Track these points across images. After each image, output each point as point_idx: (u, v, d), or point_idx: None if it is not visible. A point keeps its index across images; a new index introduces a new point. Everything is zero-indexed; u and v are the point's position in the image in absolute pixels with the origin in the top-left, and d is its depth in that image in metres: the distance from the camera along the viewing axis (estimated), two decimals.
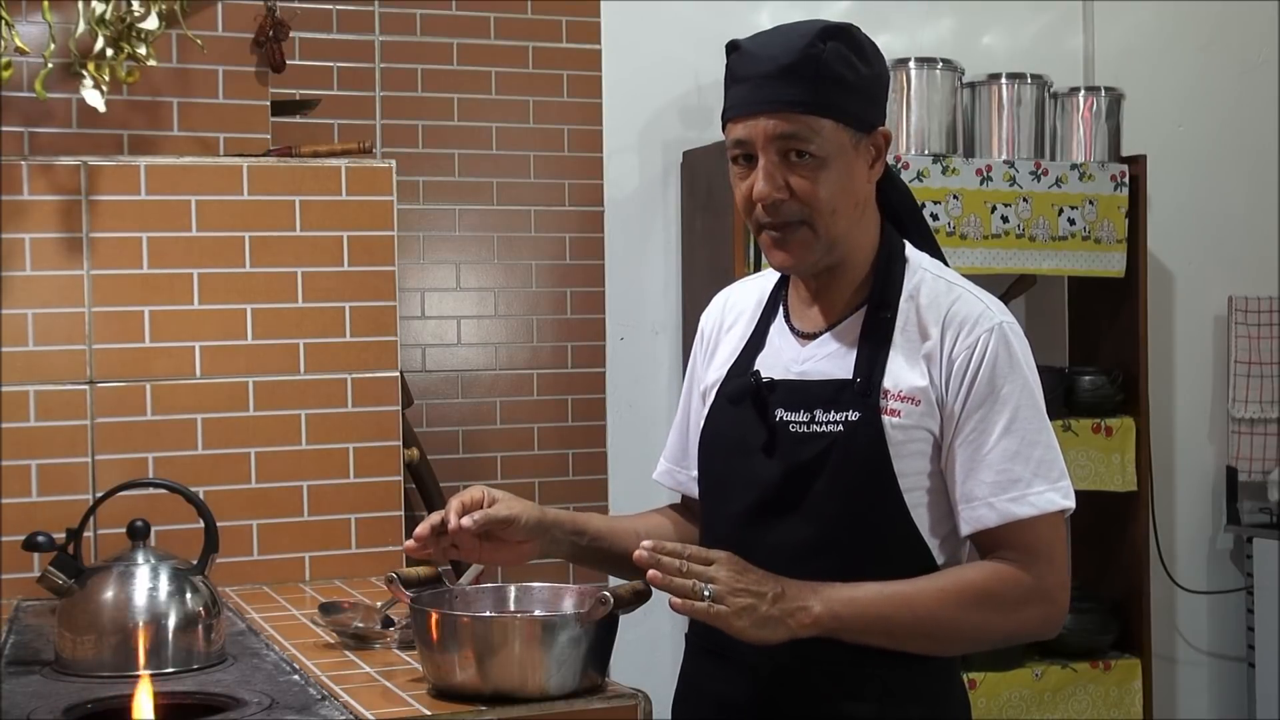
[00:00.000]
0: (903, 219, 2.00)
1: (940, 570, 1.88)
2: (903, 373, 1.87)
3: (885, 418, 1.85)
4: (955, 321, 1.88)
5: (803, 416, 1.89)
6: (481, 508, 1.90)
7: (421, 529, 1.89)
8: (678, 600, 1.71)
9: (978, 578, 1.84)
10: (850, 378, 1.88)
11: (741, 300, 2.08)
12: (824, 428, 1.87)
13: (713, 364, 2.05)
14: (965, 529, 1.87)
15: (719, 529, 1.94)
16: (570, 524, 2.00)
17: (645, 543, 1.73)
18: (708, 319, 2.12)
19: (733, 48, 1.92)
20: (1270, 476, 4.62)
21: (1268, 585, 4.44)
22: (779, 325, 2.00)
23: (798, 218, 1.86)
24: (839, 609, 1.78)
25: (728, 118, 1.90)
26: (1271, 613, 4.42)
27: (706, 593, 1.71)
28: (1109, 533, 4.30)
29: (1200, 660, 4.73)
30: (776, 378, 1.93)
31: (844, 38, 1.87)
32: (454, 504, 1.90)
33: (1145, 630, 4.24)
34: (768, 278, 2.07)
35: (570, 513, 2.02)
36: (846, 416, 1.86)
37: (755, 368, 1.96)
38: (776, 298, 2.03)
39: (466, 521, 1.87)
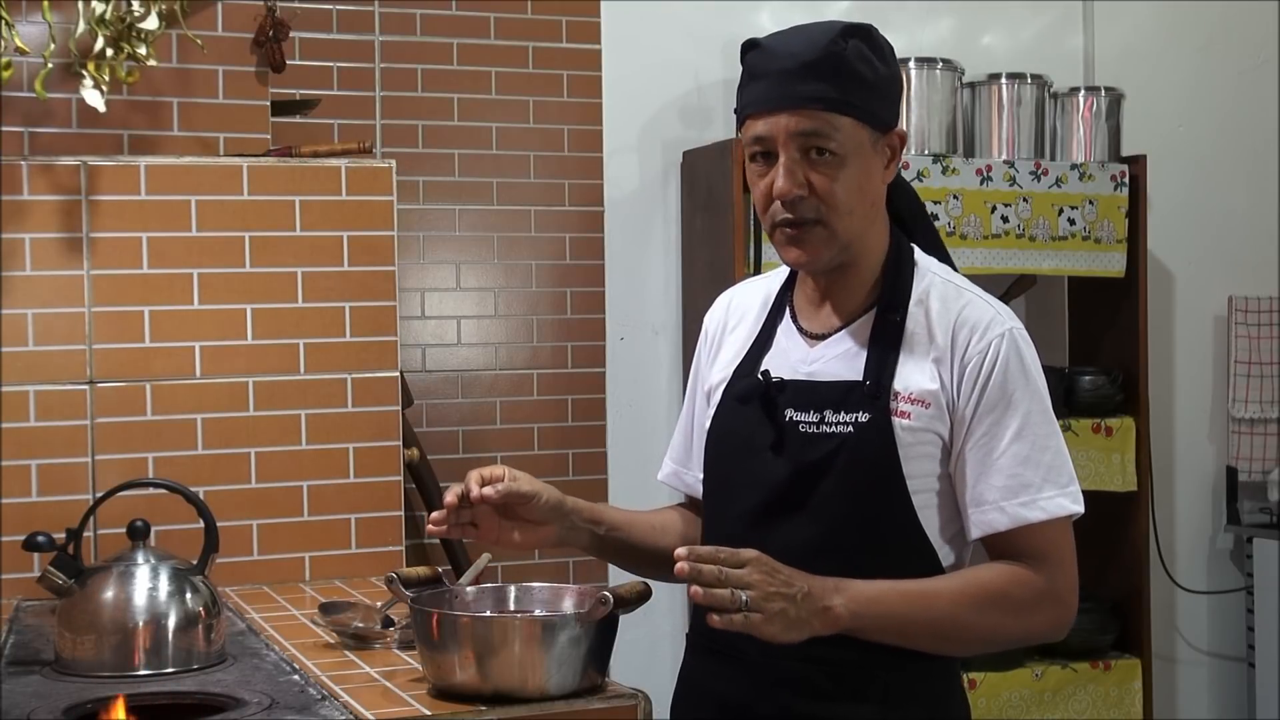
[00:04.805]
0: (907, 222, 2.00)
1: (952, 571, 1.89)
2: (912, 375, 1.87)
3: (895, 420, 1.85)
4: (966, 326, 1.88)
5: (812, 417, 1.89)
6: (502, 481, 1.90)
7: (449, 499, 1.88)
8: (718, 619, 1.69)
9: (993, 580, 1.85)
10: (860, 379, 1.88)
11: (745, 300, 2.08)
12: (834, 428, 1.87)
13: (717, 364, 2.05)
14: (975, 532, 1.87)
15: (724, 528, 1.93)
16: (589, 513, 2.00)
17: (680, 550, 1.71)
18: (711, 319, 2.12)
19: (750, 45, 1.92)
20: (1270, 476, 4.62)
21: (1268, 585, 4.44)
22: (786, 326, 1.99)
23: (814, 215, 1.86)
24: (860, 609, 1.78)
25: (746, 114, 1.89)
26: (1271, 613, 4.42)
27: (744, 598, 1.69)
28: (1109, 533, 4.29)
29: (1200, 660, 4.73)
30: (785, 378, 1.93)
31: (864, 37, 1.88)
32: (474, 475, 1.90)
33: (1145, 630, 4.24)
34: (772, 278, 2.07)
35: (589, 502, 2.02)
36: (856, 418, 1.86)
37: (763, 368, 1.95)
38: (782, 299, 2.02)
39: (489, 491, 1.88)
